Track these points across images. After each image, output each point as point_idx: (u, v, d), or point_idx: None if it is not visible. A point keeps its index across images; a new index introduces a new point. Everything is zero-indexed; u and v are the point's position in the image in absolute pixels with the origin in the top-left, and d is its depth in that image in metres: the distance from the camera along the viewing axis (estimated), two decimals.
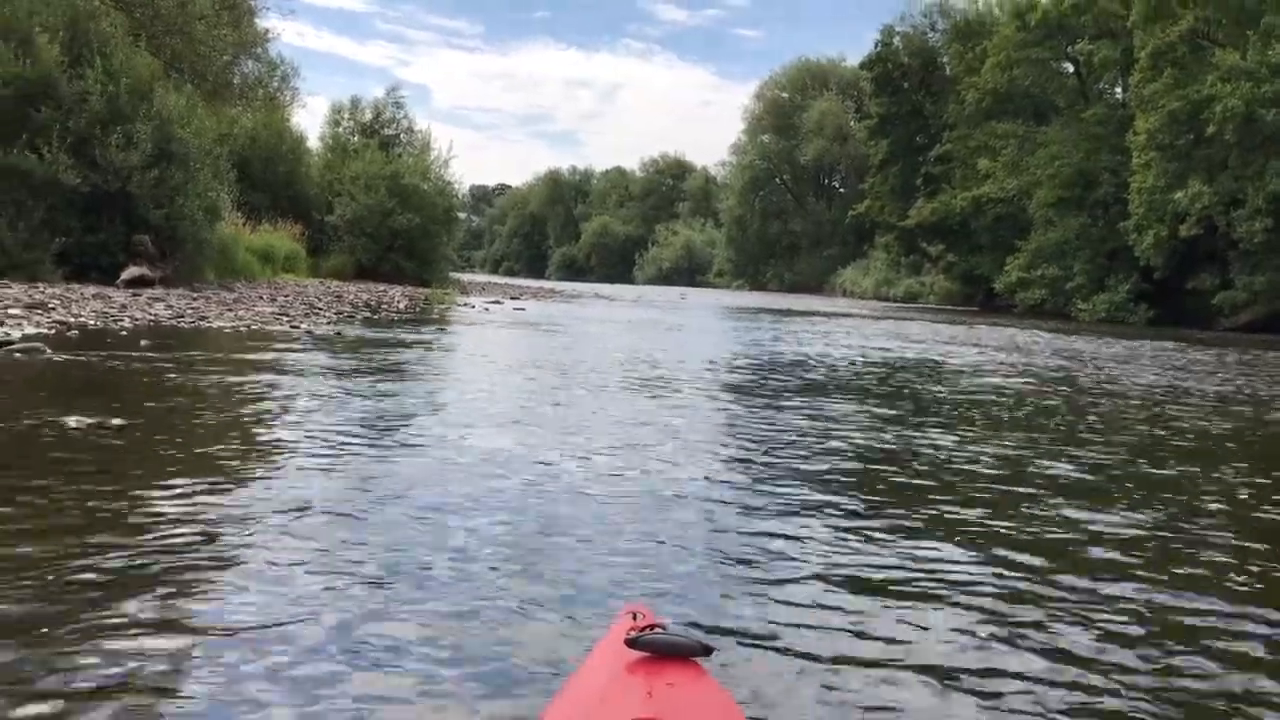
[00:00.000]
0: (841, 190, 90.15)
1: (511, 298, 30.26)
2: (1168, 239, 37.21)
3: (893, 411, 7.63)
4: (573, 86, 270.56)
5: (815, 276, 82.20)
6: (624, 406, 7.00)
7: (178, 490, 3.81)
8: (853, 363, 12.52)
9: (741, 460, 5.19)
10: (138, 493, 3.72)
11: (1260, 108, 33.68)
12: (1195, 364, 15.72)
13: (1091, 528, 4.03)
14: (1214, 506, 4.61)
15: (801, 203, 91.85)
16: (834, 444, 5.83)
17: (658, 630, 1.87)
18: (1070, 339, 22.70)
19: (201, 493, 3.82)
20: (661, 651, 1.80)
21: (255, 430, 5.28)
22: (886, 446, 5.88)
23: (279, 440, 5.04)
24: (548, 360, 10.60)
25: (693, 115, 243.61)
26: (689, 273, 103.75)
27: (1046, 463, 5.55)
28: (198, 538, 3.22)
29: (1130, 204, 39.31)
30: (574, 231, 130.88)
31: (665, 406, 7.17)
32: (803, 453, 5.49)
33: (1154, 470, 5.59)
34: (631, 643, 1.81)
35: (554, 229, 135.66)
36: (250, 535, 3.31)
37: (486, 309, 22.29)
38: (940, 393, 9.57)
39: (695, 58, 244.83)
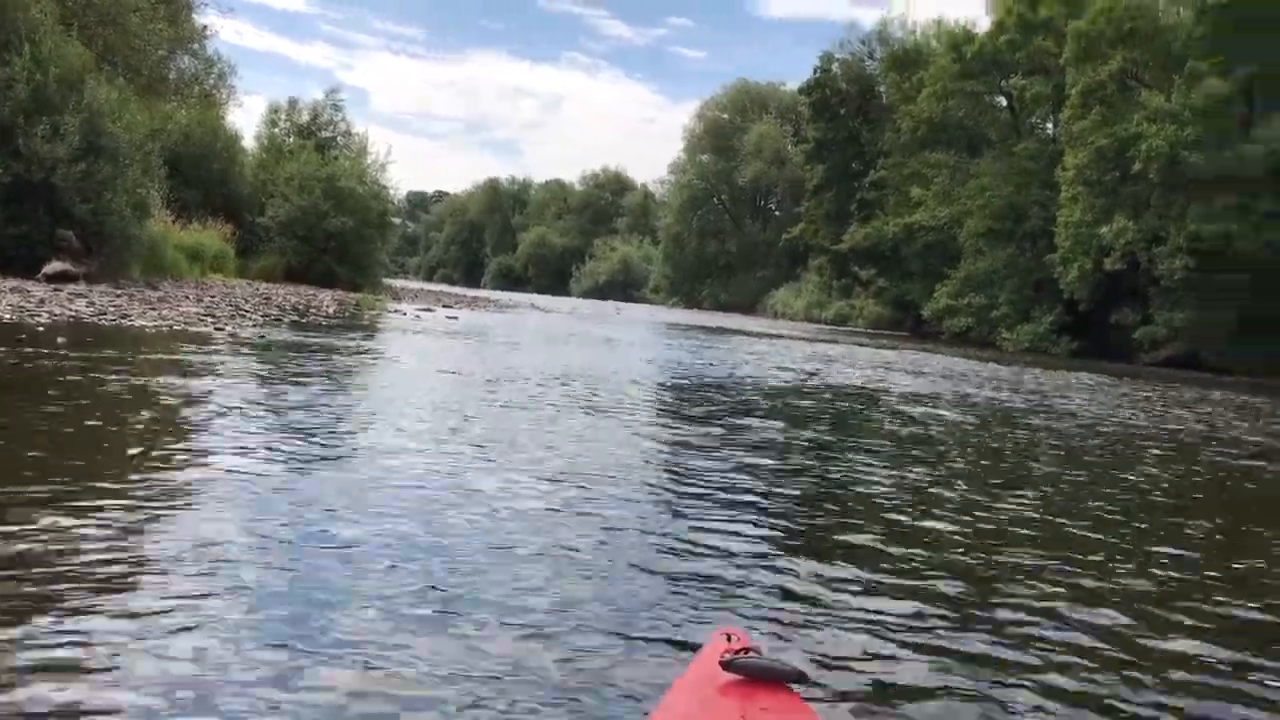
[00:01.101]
0: (777, 213, 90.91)
1: (444, 306, 29.98)
2: (1092, 273, 38.10)
3: (811, 433, 7.67)
4: (515, 96, 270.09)
5: (749, 296, 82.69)
6: (552, 424, 6.92)
7: (39, 497, 3.66)
8: (777, 383, 12.58)
9: (673, 483, 5.15)
10: None
11: (1183, 149, 34.67)
12: (1110, 397, 16.07)
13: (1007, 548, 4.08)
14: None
15: (738, 223, 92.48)
16: (762, 465, 5.82)
17: (752, 654, 1.87)
18: (994, 368, 23.09)
19: (63, 503, 3.60)
20: (756, 675, 1.82)
21: (156, 436, 5.11)
22: (802, 468, 5.90)
23: (178, 448, 4.89)
24: (476, 372, 10.49)
25: (634, 131, 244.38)
26: (625, 287, 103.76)
27: (966, 488, 5.61)
28: (51, 554, 3.05)
29: (1057, 237, 40.21)
30: (511, 241, 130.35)
31: (592, 424, 7.11)
32: (737, 481, 5.43)
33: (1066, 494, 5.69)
34: (726, 665, 1.83)
35: (491, 238, 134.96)
36: (109, 555, 3.14)
37: (418, 316, 22.06)
38: (866, 419, 9.66)
39: (639, 75, 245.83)
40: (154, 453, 4.63)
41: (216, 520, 3.56)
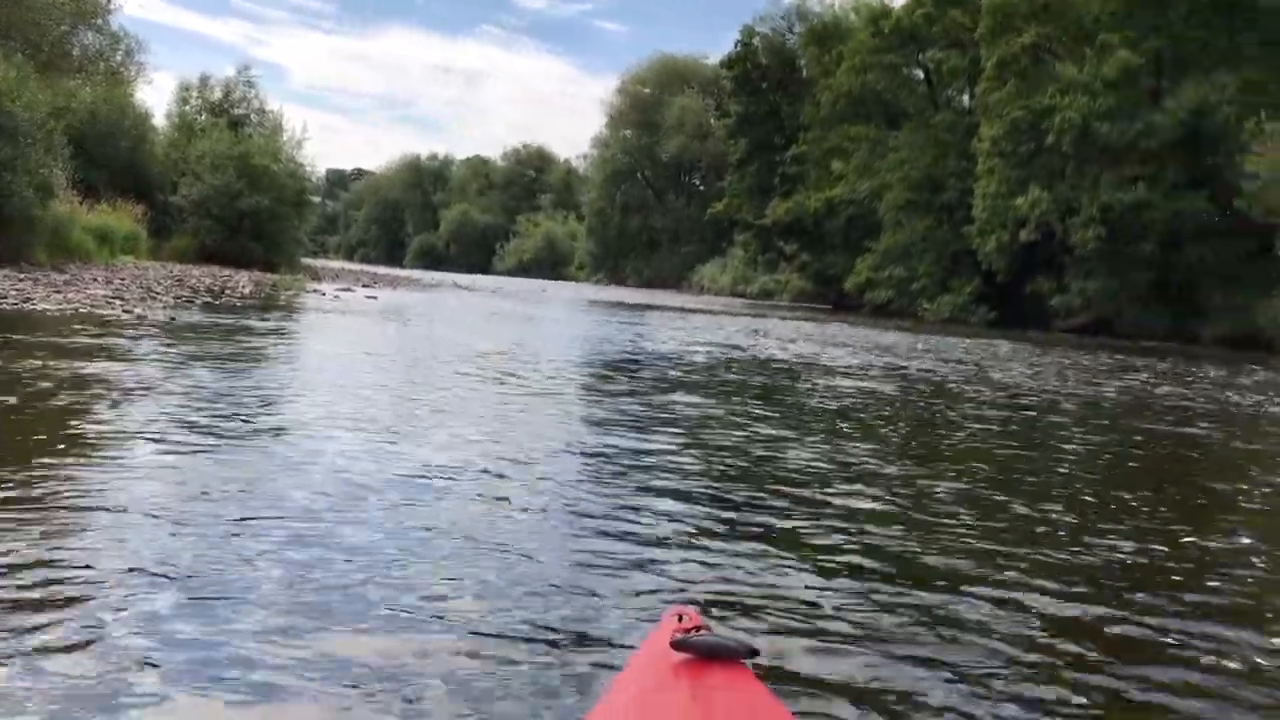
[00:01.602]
0: (701, 187, 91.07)
1: (364, 285, 29.54)
2: (1009, 244, 38.81)
3: (739, 408, 7.68)
4: (433, 72, 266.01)
5: (674, 272, 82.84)
6: (473, 404, 6.84)
7: None
8: (704, 359, 12.60)
9: (600, 463, 5.08)
10: None
11: (1095, 120, 35.42)
12: (1034, 365, 16.39)
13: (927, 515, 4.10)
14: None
15: (662, 198, 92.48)
16: (688, 443, 5.79)
17: (703, 632, 1.85)
18: (918, 338, 23.40)
19: None
20: (706, 654, 1.78)
21: (52, 423, 4.93)
22: (733, 443, 5.87)
23: (76, 433, 4.71)
24: (394, 352, 10.35)
25: (555, 106, 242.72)
26: (550, 265, 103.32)
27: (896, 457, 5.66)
28: None
29: (974, 209, 40.88)
30: (433, 219, 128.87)
31: (513, 403, 7.02)
32: (667, 460, 5.37)
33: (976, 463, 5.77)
34: (677, 645, 1.79)
35: (412, 216, 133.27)
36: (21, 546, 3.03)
37: (337, 296, 21.71)
38: (792, 393, 9.70)
39: (558, 48, 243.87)
40: (51, 439, 4.46)
41: (114, 507, 3.42)
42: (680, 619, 1.96)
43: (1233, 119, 32.64)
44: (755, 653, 1.82)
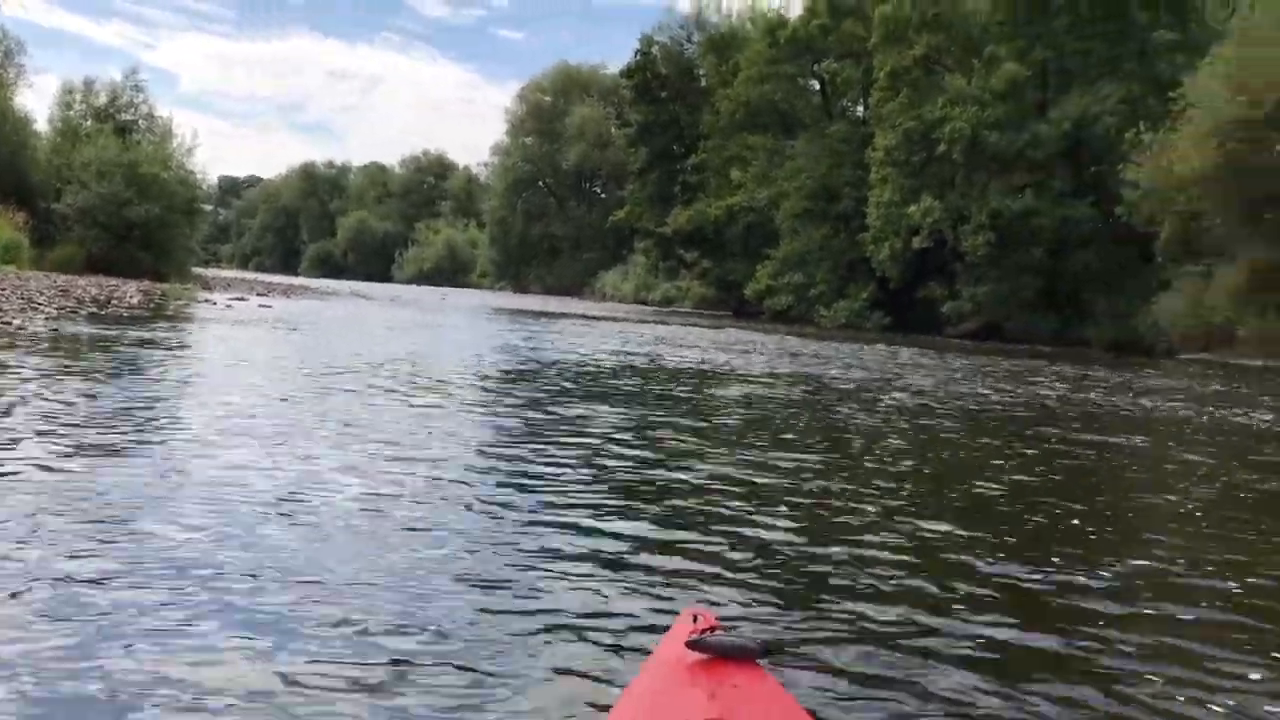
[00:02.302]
0: (603, 195, 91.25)
1: (258, 294, 28.91)
2: (902, 251, 39.65)
3: (641, 415, 7.62)
4: (331, 78, 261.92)
5: (577, 279, 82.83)
6: (369, 415, 6.60)
7: None
8: (608, 365, 12.55)
9: (502, 477, 4.90)
10: None
11: (984, 130, 36.46)
12: (931, 369, 16.73)
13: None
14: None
15: (564, 206, 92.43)
16: (591, 454, 5.64)
17: (718, 632, 1.87)
18: (817, 344, 23.71)
19: None
20: (722, 653, 1.80)
21: None
22: (640, 453, 5.79)
23: None
24: (286, 362, 10.10)
25: (455, 113, 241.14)
26: (451, 273, 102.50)
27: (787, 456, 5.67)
28: None
29: (868, 217, 41.69)
30: (330, 227, 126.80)
31: (411, 415, 6.83)
32: (572, 473, 5.23)
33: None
34: (692, 645, 1.81)
35: (308, 224, 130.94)
36: None
37: (229, 306, 21.17)
38: (692, 399, 9.72)
39: (457, 55, 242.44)
40: None
41: None
42: (695, 619, 1.99)
43: (1114, 130, 33.88)
44: (770, 651, 1.87)
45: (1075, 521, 4.70)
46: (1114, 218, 34.38)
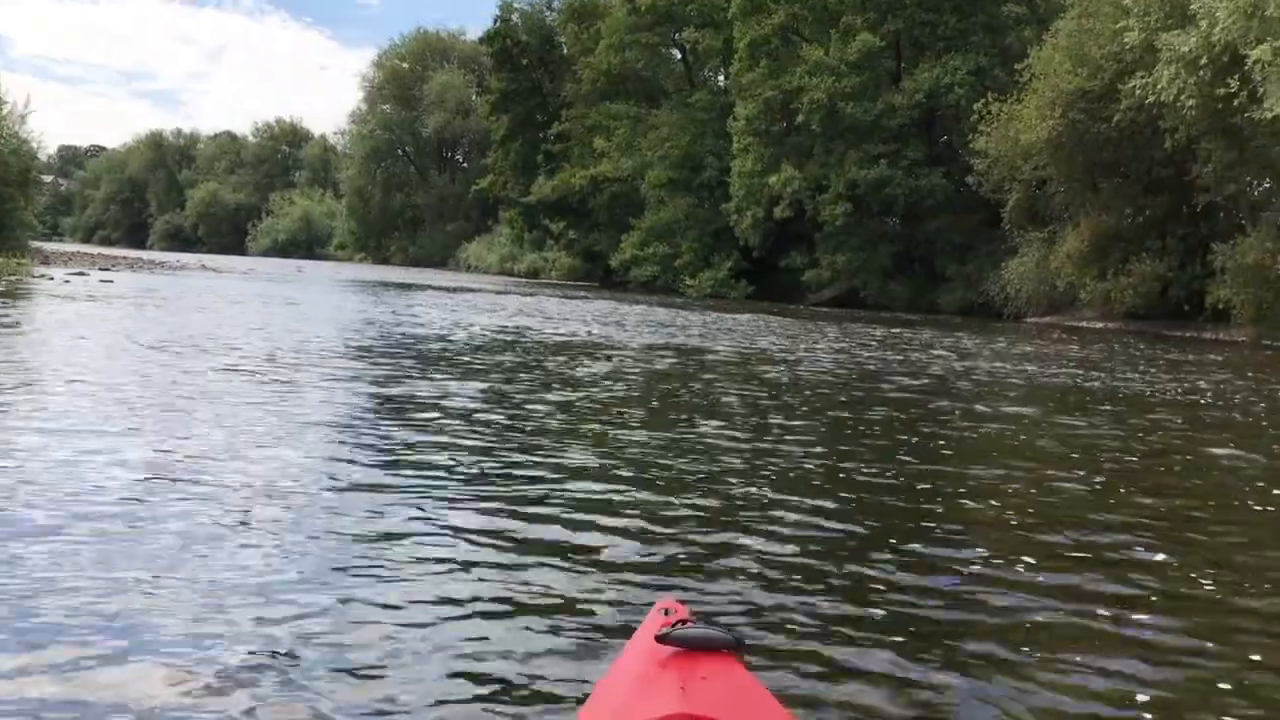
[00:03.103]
0: (465, 164, 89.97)
1: (101, 269, 27.67)
2: (764, 220, 40.18)
3: (503, 389, 7.51)
4: (177, 42, 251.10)
5: (439, 251, 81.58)
6: (214, 395, 6.27)
7: None
8: (467, 338, 12.34)
9: (361, 457, 4.68)
10: None
11: (840, 101, 37.13)
12: (801, 335, 17.00)
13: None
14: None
15: (425, 175, 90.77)
16: (454, 428, 5.48)
17: (689, 625, 1.86)
18: (681, 314, 23.85)
19: None
20: (694, 646, 1.80)
21: None
22: (497, 419, 5.72)
23: None
24: (126, 340, 9.57)
25: (309, 80, 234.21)
26: (308, 244, 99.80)
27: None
28: None
29: (731, 186, 42.09)
30: (179, 199, 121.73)
31: (259, 392, 6.49)
32: (433, 453, 5.05)
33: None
34: (662, 638, 1.80)
35: (156, 196, 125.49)
36: None
37: (67, 281, 20.20)
38: (555, 371, 9.62)
39: (310, 19, 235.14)
40: None
41: None
42: (666, 612, 1.99)
43: (964, 100, 34.91)
44: (742, 643, 1.85)
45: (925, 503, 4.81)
46: (964, 186, 35.53)
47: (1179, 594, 3.29)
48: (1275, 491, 5.07)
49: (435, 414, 6.27)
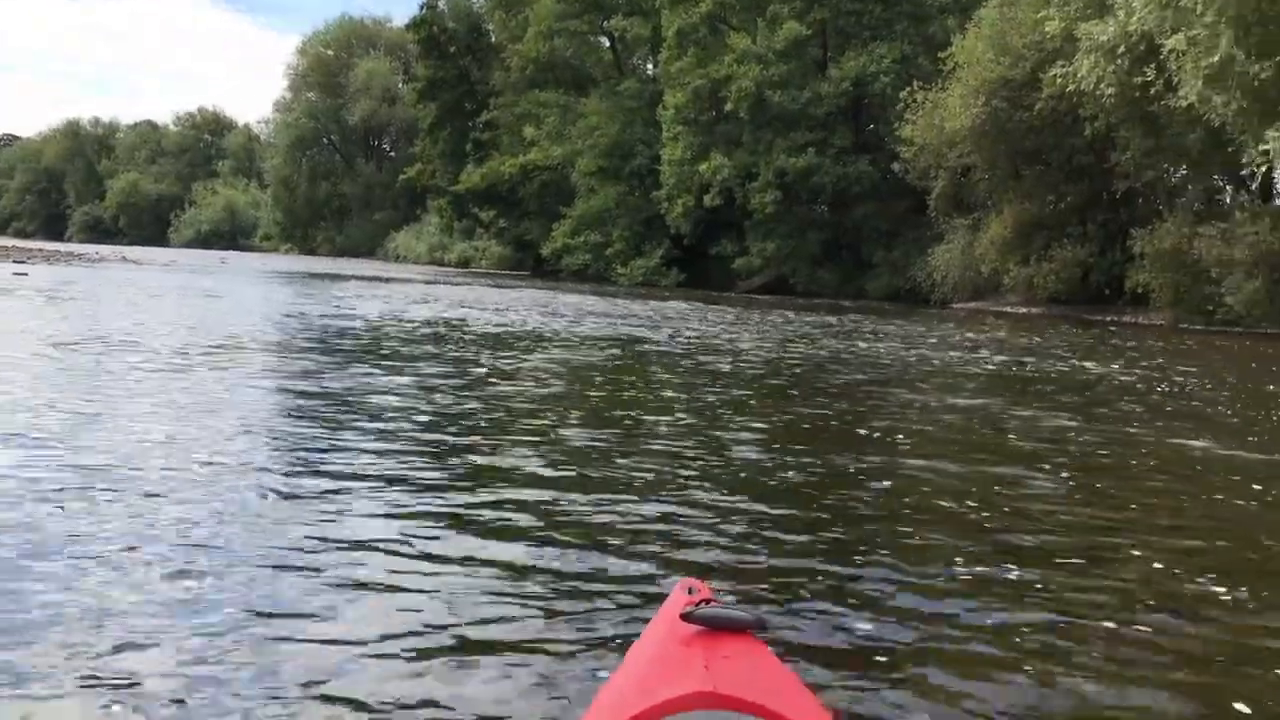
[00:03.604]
0: (393, 153, 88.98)
1: (14, 261, 26.90)
2: (694, 208, 40.31)
3: (431, 380, 7.39)
4: (94, 27, 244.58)
5: (367, 241, 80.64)
6: (125, 393, 6.06)
7: None
8: (395, 329, 12.16)
9: (279, 453, 4.51)
10: None
11: (768, 89, 37.31)
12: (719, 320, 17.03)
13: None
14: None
15: (351, 164, 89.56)
16: (380, 427, 5.28)
17: (713, 604, 1.86)
18: (614, 302, 23.80)
19: None
20: (717, 625, 1.80)
21: None
22: (432, 416, 5.61)
23: None
24: (35, 336, 9.21)
25: (232, 68, 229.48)
26: (233, 235, 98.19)
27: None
28: None
29: (662, 174, 42.13)
30: (98, 189, 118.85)
31: (175, 388, 6.31)
32: (354, 456, 4.85)
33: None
34: (686, 617, 1.81)
35: (74, 186, 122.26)
36: None
37: None
38: (497, 364, 9.51)
39: (233, 5, 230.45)
40: None
41: None
42: (690, 591, 1.99)
43: (889, 89, 35.28)
44: (765, 624, 1.85)
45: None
46: (891, 174, 35.94)
47: (1166, 592, 3.27)
48: (1254, 486, 5.06)
49: (361, 412, 6.10)
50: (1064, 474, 5.10)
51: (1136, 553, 3.69)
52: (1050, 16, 26.57)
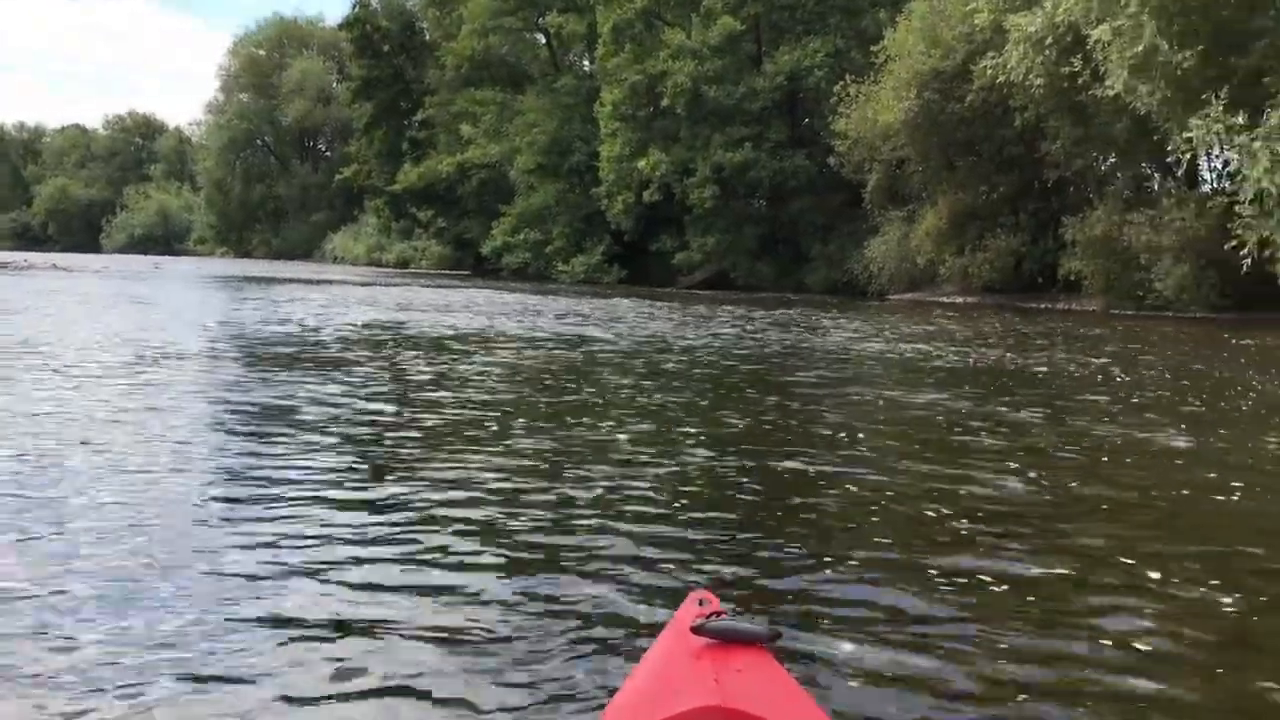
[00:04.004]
0: (328, 154, 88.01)
1: None
2: (634, 204, 40.27)
3: (366, 387, 7.23)
4: (17, 26, 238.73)
5: (304, 242, 79.71)
6: (51, 404, 5.91)
7: None
8: (333, 334, 11.95)
9: (211, 463, 4.40)
10: None
11: (704, 84, 37.37)
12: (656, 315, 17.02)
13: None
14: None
15: (286, 166, 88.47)
16: (312, 434, 5.22)
17: (723, 616, 1.86)
18: (558, 300, 23.68)
19: None
20: (728, 638, 1.80)
21: None
22: (374, 426, 5.49)
23: None
24: None
25: (162, 69, 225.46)
26: (166, 240, 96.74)
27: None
28: None
29: (600, 171, 42.04)
30: (25, 195, 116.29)
31: (103, 402, 6.10)
32: (281, 456, 4.81)
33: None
34: (697, 630, 1.80)
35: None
36: None
37: None
38: (444, 371, 9.38)
39: (164, 4, 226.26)
40: None
41: None
42: (700, 604, 1.99)
43: (823, 82, 35.48)
44: (776, 636, 1.85)
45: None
46: (826, 168, 36.18)
47: (1148, 590, 3.23)
48: (1235, 482, 4.90)
49: (297, 424, 5.87)
50: (1033, 473, 4.98)
51: (1131, 555, 3.63)
52: (979, 8, 26.87)
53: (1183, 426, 6.67)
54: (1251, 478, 5.04)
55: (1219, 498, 4.61)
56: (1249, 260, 20.36)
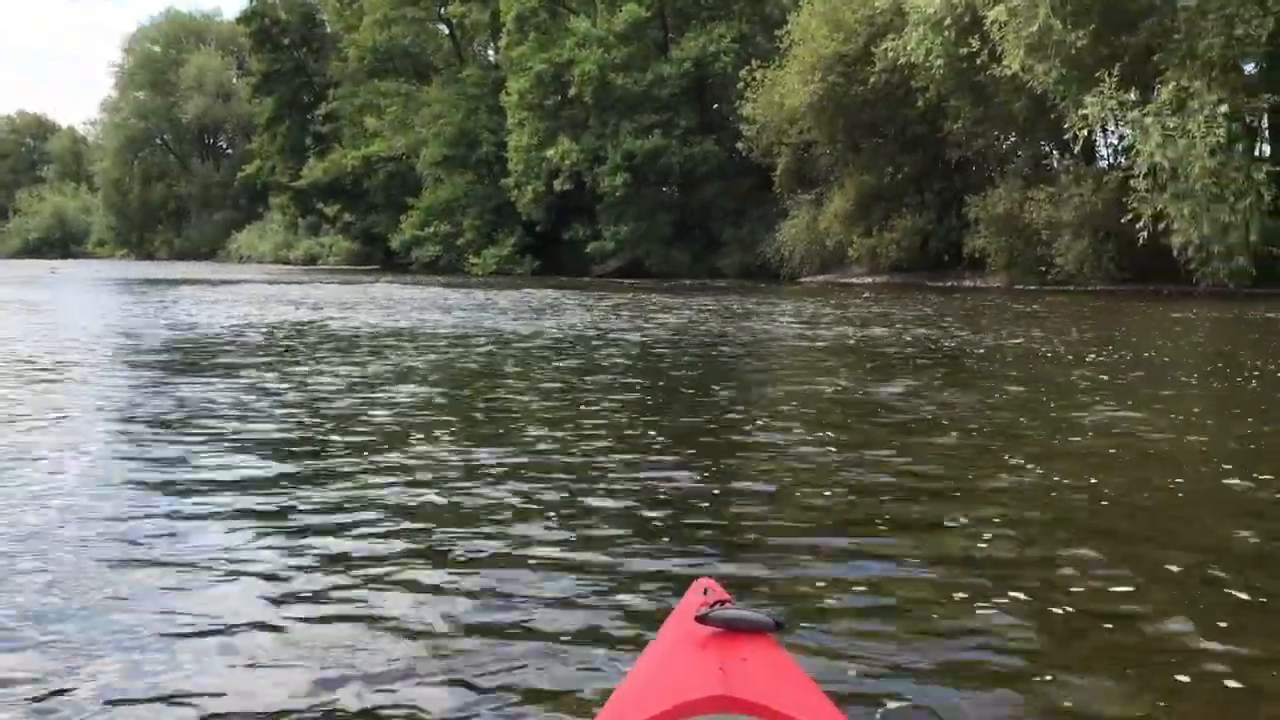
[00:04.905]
0: (230, 150, 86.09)
1: None
2: (544, 194, 40.04)
3: (276, 387, 6.99)
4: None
5: (208, 242, 77.95)
6: None
7: None
8: (235, 335, 11.60)
9: (120, 467, 4.20)
10: None
11: (611, 72, 37.27)
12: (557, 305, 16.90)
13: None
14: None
15: (186, 164, 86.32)
16: (221, 435, 5.03)
17: (728, 605, 1.83)
18: (471, 293, 23.41)
19: None
20: (733, 627, 1.77)
21: None
22: (287, 434, 5.27)
23: None
24: None
25: (53, 68, 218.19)
26: (64, 243, 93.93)
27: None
28: None
29: (509, 161, 41.71)
30: None
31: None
32: (189, 462, 4.61)
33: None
34: (702, 619, 1.77)
35: None
36: None
37: None
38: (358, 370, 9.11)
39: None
40: None
41: None
42: (705, 592, 1.96)
43: (730, 68, 35.64)
44: (781, 625, 1.81)
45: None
46: (736, 153, 36.36)
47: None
48: (1202, 469, 4.68)
49: (199, 437, 5.55)
50: (1025, 462, 4.87)
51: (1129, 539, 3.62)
52: None
53: (1129, 402, 6.72)
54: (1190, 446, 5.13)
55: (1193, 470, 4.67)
56: (1145, 233, 20.99)
